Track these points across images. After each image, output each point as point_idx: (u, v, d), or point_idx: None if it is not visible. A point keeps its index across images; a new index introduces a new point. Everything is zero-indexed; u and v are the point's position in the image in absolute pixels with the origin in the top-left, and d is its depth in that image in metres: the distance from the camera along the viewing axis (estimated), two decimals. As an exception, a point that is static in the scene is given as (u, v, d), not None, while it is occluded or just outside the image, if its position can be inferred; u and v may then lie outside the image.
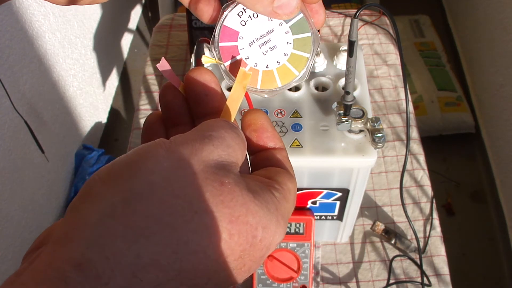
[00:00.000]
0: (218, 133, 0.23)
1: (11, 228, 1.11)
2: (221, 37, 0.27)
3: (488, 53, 1.63)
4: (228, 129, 0.24)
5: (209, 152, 0.22)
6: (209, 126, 0.24)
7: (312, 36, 0.27)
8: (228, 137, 0.23)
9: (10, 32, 1.09)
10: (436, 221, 0.74)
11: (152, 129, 0.28)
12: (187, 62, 0.95)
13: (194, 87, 0.27)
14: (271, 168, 0.26)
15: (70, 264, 0.18)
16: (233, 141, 0.23)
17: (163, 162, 0.21)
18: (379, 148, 0.50)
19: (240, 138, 0.24)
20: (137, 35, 2.03)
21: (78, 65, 1.46)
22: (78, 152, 1.46)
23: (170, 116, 0.28)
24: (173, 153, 0.21)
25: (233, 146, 0.23)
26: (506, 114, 1.48)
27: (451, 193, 1.57)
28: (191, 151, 0.22)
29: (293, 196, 0.25)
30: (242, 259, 0.21)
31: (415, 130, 0.84)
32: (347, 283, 0.69)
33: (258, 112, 0.28)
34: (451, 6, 2.03)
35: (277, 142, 0.28)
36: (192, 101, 0.28)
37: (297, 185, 0.27)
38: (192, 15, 0.82)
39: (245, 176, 0.23)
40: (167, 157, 0.21)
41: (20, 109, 1.09)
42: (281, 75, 0.28)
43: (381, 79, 0.92)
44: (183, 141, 0.22)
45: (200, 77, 0.27)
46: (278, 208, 0.23)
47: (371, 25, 1.00)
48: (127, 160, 0.21)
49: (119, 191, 0.20)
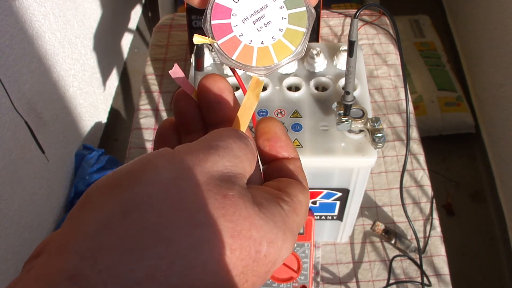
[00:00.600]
0: (225, 143, 0.22)
1: (11, 228, 1.11)
2: (213, 15, 0.27)
3: (488, 53, 1.63)
4: (236, 139, 0.23)
5: (213, 162, 0.21)
6: (216, 135, 0.23)
7: (306, 10, 0.27)
8: (235, 147, 0.23)
9: (10, 32, 1.09)
10: (436, 221, 0.74)
11: (164, 136, 0.28)
12: (187, 62, 0.95)
13: (207, 95, 0.27)
14: (283, 178, 0.26)
15: (63, 276, 0.18)
16: (241, 152, 0.23)
17: (164, 172, 0.20)
18: (379, 148, 0.50)
19: (249, 149, 0.23)
20: (137, 35, 2.03)
21: (78, 65, 1.46)
22: (78, 152, 1.46)
23: (183, 123, 0.28)
24: (175, 163, 0.21)
25: (240, 157, 0.22)
26: (506, 114, 1.48)
27: (451, 193, 1.57)
28: (195, 162, 0.21)
29: (305, 209, 0.24)
30: (244, 274, 0.21)
31: (415, 130, 0.84)
32: (347, 283, 0.69)
33: (272, 121, 0.27)
34: (451, 6, 2.03)
35: (290, 152, 0.27)
36: (205, 109, 0.27)
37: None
38: (192, 15, 0.82)
39: (252, 188, 0.23)
40: (169, 167, 0.20)
41: (20, 109, 1.09)
42: (277, 51, 0.27)
43: (381, 79, 0.92)
44: (187, 151, 0.21)
45: (213, 84, 0.27)
46: (286, 221, 0.22)
47: (371, 25, 1.00)
48: (127, 170, 0.21)
49: (116, 202, 0.19)
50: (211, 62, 0.60)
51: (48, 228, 1.30)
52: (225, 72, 0.58)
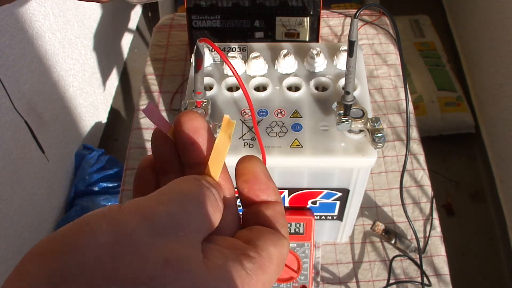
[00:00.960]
0: (179, 197, 0.21)
1: (11, 228, 1.11)
2: None
3: (488, 53, 1.63)
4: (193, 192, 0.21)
5: (159, 222, 0.19)
6: (171, 188, 0.21)
7: None
8: (190, 202, 0.21)
9: (10, 32, 1.09)
10: (436, 221, 0.74)
11: (142, 176, 0.27)
12: (187, 62, 0.95)
13: (181, 135, 0.25)
14: (256, 227, 0.24)
15: None
16: (198, 206, 0.21)
17: (100, 237, 0.18)
18: (379, 148, 0.50)
19: (209, 200, 0.22)
20: (137, 35, 2.03)
21: (78, 65, 1.46)
22: (78, 152, 1.46)
23: (160, 163, 0.26)
24: (114, 226, 0.19)
25: (195, 213, 0.21)
26: (506, 114, 1.48)
27: (451, 193, 1.57)
28: (138, 222, 0.19)
29: (276, 263, 0.22)
30: None
31: (415, 130, 0.84)
32: (347, 283, 0.69)
33: (252, 160, 0.25)
34: (451, 6, 2.03)
35: (271, 195, 0.25)
36: (180, 149, 0.26)
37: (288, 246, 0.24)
38: (192, 15, 0.82)
39: (210, 246, 0.21)
40: (107, 231, 0.19)
41: (20, 109, 1.09)
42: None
43: (381, 79, 0.92)
44: (132, 210, 0.20)
45: (188, 123, 0.25)
46: (246, 283, 0.20)
47: (371, 25, 1.00)
48: (63, 233, 0.19)
49: (46, 272, 0.18)
50: (211, 62, 0.60)
51: (48, 228, 1.30)
52: (225, 72, 0.58)
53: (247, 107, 0.54)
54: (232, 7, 0.81)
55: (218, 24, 0.83)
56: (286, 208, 0.61)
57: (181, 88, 0.91)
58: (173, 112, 0.87)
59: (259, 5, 0.80)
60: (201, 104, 0.52)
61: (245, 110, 0.54)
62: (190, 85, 0.57)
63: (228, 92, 0.56)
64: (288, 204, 0.60)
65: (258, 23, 0.82)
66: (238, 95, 0.56)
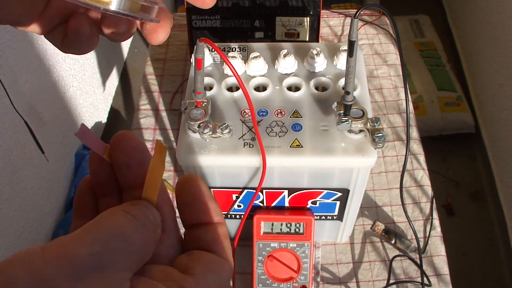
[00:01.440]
0: (106, 234, 0.19)
1: (11, 228, 1.11)
2: None
3: (488, 53, 1.63)
4: (122, 226, 0.20)
5: (82, 262, 0.18)
6: (96, 224, 0.20)
7: None
8: (117, 238, 0.19)
9: (10, 32, 1.09)
10: (436, 221, 0.74)
11: (81, 198, 0.25)
12: (187, 62, 0.95)
13: (116, 157, 0.24)
14: (195, 252, 0.23)
15: None
16: (125, 242, 0.20)
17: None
18: (379, 148, 0.50)
19: (140, 233, 0.20)
20: (137, 35, 2.03)
21: (78, 65, 1.46)
22: (78, 152, 1.46)
23: (98, 185, 0.25)
24: (34, 274, 0.18)
25: (122, 250, 0.19)
26: (506, 114, 1.48)
27: (451, 193, 1.57)
28: (60, 266, 0.18)
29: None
30: None
31: (415, 130, 0.84)
32: (347, 283, 0.69)
33: (191, 180, 0.24)
34: (451, 6, 2.03)
35: (213, 216, 0.24)
36: (116, 172, 0.24)
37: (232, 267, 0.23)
38: (192, 15, 0.82)
39: (141, 280, 0.20)
40: (25, 281, 0.17)
41: (20, 109, 1.09)
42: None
43: (381, 79, 0.92)
44: (54, 253, 0.18)
45: (123, 144, 0.24)
46: None
47: (371, 25, 1.00)
48: None
49: None
50: (211, 62, 0.60)
51: (48, 228, 1.30)
52: (225, 72, 0.58)
53: (247, 107, 0.54)
54: (232, 7, 0.81)
55: (218, 24, 0.83)
56: (286, 208, 0.61)
57: (181, 88, 0.91)
58: (173, 112, 0.88)
59: (259, 5, 0.80)
60: (201, 104, 0.52)
61: (245, 110, 0.54)
62: (190, 85, 0.57)
63: (228, 92, 0.56)
64: (288, 204, 0.60)
65: (258, 23, 0.82)
66: (238, 95, 0.56)
